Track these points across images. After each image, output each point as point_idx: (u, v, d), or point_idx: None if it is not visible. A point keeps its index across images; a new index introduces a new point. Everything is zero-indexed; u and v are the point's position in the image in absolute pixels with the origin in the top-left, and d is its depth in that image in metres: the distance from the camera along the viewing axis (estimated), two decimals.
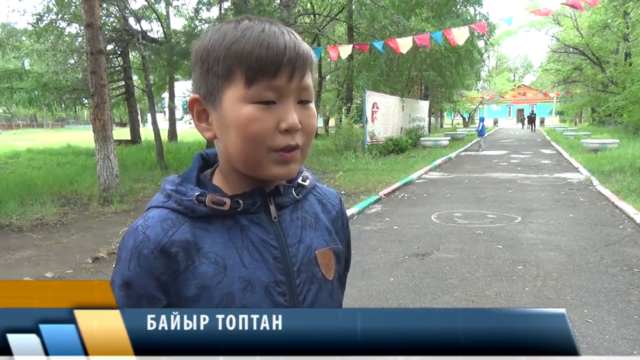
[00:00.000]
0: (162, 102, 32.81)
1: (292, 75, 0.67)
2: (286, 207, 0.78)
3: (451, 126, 45.24)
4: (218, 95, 0.69)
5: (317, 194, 0.86)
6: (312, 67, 0.71)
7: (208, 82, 0.70)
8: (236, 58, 0.67)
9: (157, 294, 0.70)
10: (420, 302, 3.68)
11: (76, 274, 4.32)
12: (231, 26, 0.69)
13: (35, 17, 14.07)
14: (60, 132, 46.40)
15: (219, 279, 0.70)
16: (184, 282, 0.70)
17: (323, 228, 0.82)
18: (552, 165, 13.45)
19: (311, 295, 0.76)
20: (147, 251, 0.69)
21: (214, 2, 13.68)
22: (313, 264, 0.77)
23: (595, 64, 30.75)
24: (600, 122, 35.61)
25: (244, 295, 0.70)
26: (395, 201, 8.07)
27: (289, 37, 0.68)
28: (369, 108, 16.39)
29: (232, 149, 0.70)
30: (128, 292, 0.70)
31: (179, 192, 0.73)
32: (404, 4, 18.86)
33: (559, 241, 5.32)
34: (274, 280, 0.73)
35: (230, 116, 0.68)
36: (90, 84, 7.54)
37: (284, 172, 0.72)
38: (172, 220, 0.72)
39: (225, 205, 0.72)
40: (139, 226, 0.72)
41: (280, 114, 0.68)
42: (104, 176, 7.60)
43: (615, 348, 2.90)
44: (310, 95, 0.71)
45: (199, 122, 0.74)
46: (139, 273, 0.69)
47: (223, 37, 0.68)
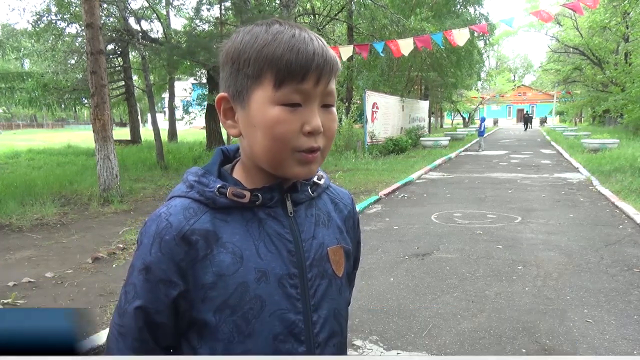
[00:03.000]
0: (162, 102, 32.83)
1: (318, 80, 0.70)
2: (302, 203, 0.81)
3: (451, 126, 45.26)
4: (247, 95, 0.72)
5: (330, 193, 0.90)
6: (337, 73, 0.74)
7: (237, 82, 0.73)
8: (267, 61, 0.69)
9: (176, 279, 0.72)
10: (420, 302, 3.68)
11: (76, 274, 4.31)
12: (262, 29, 0.71)
13: (35, 17, 14.07)
14: (60, 132, 46.40)
15: (236, 269, 0.73)
16: (202, 269, 0.72)
17: (335, 226, 0.85)
18: (552, 165, 13.45)
19: (321, 289, 0.79)
20: (169, 237, 0.72)
21: (214, 2, 13.67)
22: (325, 260, 0.80)
23: (595, 64, 30.76)
24: (600, 122, 35.62)
25: (258, 285, 0.73)
26: (395, 201, 8.07)
27: (317, 44, 0.71)
28: (369, 108, 16.39)
29: (258, 147, 0.73)
30: (148, 276, 0.72)
31: (201, 183, 0.76)
32: (403, 3, 18.87)
33: (559, 241, 5.32)
34: (287, 272, 0.75)
35: (258, 116, 0.71)
36: (90, 84, 7.54)
37: (305, 172, 0.74)
38: (193, 209, 0.74)
39: (245, 198, 0.75)
40: (162, 213, 0.74)
41: (305, 117, 0.70)
42: (104, 176, 7.60)
43: (615, 348, 2.90)
44: (333, 100, 0.75)
45: (225, 120, 0.77)
46: (160, 258, 0.72)
47: (254, 40, 0.70)
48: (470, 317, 3.38)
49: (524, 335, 3.08)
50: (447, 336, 3.09)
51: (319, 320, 0.78)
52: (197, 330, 0.74)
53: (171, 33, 15.82)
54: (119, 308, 0.76)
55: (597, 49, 29.22)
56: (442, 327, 3.23)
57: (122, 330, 0.74)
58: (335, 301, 0.81)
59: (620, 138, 17.64)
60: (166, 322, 0.74)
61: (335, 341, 0.81)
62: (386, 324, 3.30)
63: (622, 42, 27.33)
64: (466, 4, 21.76)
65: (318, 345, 0.78)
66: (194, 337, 0.75)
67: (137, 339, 0.74)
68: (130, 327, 0.73)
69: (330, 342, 0.80)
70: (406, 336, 3.11)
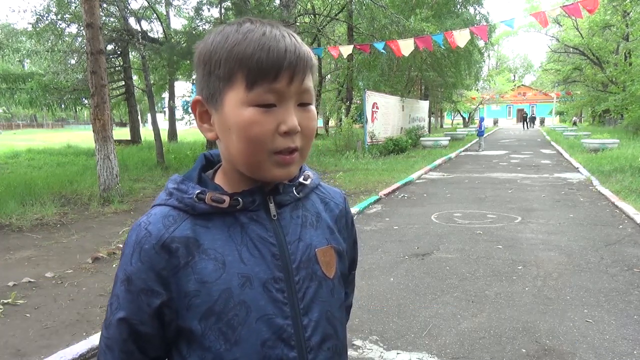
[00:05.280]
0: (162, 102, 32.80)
1: (292, 79, 0.68)
2: (286, 205, 0.79)
3: (451, 126, 45.26)
4: (220, 98, 0.70)
5: (320, 193, 0.88)
6: (312, 69, 0.72)
7: (210, 85, 0.71)
8: (237, 61, 0.67)
9: (158, 288, 0.71)
10: (420, 302, 3.68)
11: (76, 274, 4.31)
12: (233, 28, 0.70)
13: (35, 17, 14.06)
14: (60, 132, 46.40)
15: (218, 275, 0.71)
16: (185, 277, 0.71)
17: (325, 227, 0.83)
18: (552, 165, 13.45)
19: (311, 292, 0.77)
20: (149, 246, 0.71)
21: (214, 2, 13.67)
22: (313, 262, 0.78)
23: (595, 64, 30.76)
24: (600, 122, 35.59)
25: (242, 291, 0.72)
26: (395, 201, 8.07)
27: (289, 40, 0.69)
28: (369, 108, 16.39)
29: (234, 150, 0.71)
30: (129, 287, 0.72)
31: (180, 190, 0.75)
32: (403, 3, 18.86)
33: (559, 241, 5.32)
34: (272, 276, 0.74)
35: (232, 119, 0.69)
36: (90, 84, 7.54)
37: (283, 174, 0.73)
38: (173, 217, 0.73)
39: (225, 203, 0.73)
40: (142, 222, 0.74)
41: (280, 117, 0.69)
42: (104, 176, 7.60)
43: (615, 348, 2.90)
44: (310, 98, 0.72)
45: (202, 123, 0.75)
46: (140, 268, 0.71)
47: (225, 40, 0.69)
48: (470, 317, 3.38)
49: (524, 335, 3.08)
50: (447, 336, 3.09)
51: (310, 324, 0.76)
52: (185, 339, 0.74)
53: (171, 33, 15.82)
54: (105, 320, 0.75)
55: (597, 49, 29.23)
56: (442, 327, 3.23)
57: (109, 342, 0.74)
58: (327, 303, 0.79)
59: (620, 138, 17.64)
60: (151, 332, 0.73)
61: (329, 344, 0.79)
62: (386, 324, 3.29)
63: (622, 41, 27.33)
64: (466, 4, 21.76)
65: (311, 350, 0.75)
66: (183, 347, 0.74)
67: (123, 351, 0.73)
68: (116, 339, 0.73)
69: (324, 345, 0.78)
70: (406, 336, 3.11)
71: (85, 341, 2.95)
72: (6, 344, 2.99)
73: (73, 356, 2.78)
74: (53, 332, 3.17)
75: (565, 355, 2.83)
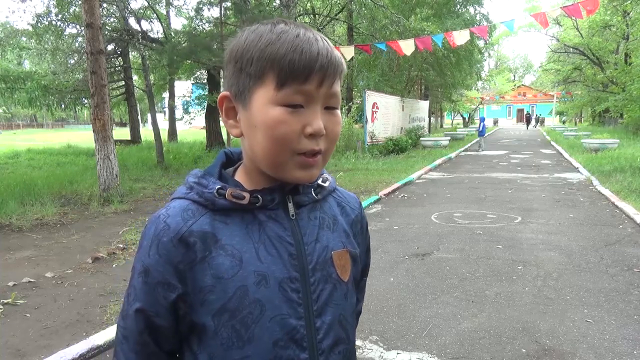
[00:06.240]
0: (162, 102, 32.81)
1: (322, 82, 0.69)
2: (305, 206, 0.79)
3: (451, 126, 45.25)
4: (248, 95, 0.71)
5: (337, 197, 0.88)
6: (341, 75, 0.72)
7: (240, 81, 0.71)
8: (269, 60, 0.68)
9: (174, 281, 0.71)
10: (420, 302, 3.68)
11: (76, 274, 4.31)
12: (267, 28, 0.70)
13: (35, 18, 14.06)
14: (60, 132, 46.38)
15: (235, 272, 0.71)
16: (201, 272, 0.71)
17: (341, 230, 0.83)
18: (552, 165, 13.45)
19: (325, 294, 0.77)
20: (167, 239, 0.71)
21: (214, 2, 13.67)
22: (329, 264, 0.78)
23: (595, 64, 30.77)
24: (600, 122, 35.60)
25: (258, 289, 0.71)
26: (395, 201, 8.07)
27: (322, 44, 0.69)
28: (369, 108, 16.39)
29: (258, 148, 0.71)
30: (146, 279, 0.72)
31: (200, 184, 0.75)
32: (403, 3, 18.86)
33: (559, 241, 5.32)
34: (288, 276, 0.73)
35: (259, 117, 0.69)
36: (90, 84, 7.53)
37: (305, 176, 0.73)
38: (192, 211, 0.74)
39: (245, 199, 0.74)
40: (161, 215, 0.74)
41: (306, 119, 0.69)
42: (104, 176, 7.60)
43: (615, 348, 2.90)
44: (337, 102, 0.73)
45: (227, 119, 0.76)
46: (158, 260, 0.71)
47: (259, 39, 0.69)
48: (470, 317, 3.38)
49: (524, 335, 3.08)
50: (447, 336, 3.09)
51: (322, 326, 0.75)
52: (197, 334, 0.73)
53: (171, 33, 15.82)
54: (122, 311, 0.76)
55: (597, 49, 29.23)
56: (442, 327, 3.22)
57: (126, 332, 0.74)
58: (341, 307, 0.78)
59: (620, 138, 17.64)
60: (166, 325, 0.73)
61: (340, 348, 0.78)
62: (386, 324, 3.30)
63: (622, 41, 27.34)
64: (466, 4, 21.75)
65: (322, 352, 0.75)
66: (194, 342, 0.74)
67: (139, 342, 0.74)
68: (132, 330, 0.73)
69: (335, 349, 0.77)
70: (406, 336, 3.11)
71: (85, 341, 2.95)
72: (6, 344, 2.99)
73: (73, 356, 2.78)
74: (53, 332, 3.17)
75: (565, 355, 2.83)
